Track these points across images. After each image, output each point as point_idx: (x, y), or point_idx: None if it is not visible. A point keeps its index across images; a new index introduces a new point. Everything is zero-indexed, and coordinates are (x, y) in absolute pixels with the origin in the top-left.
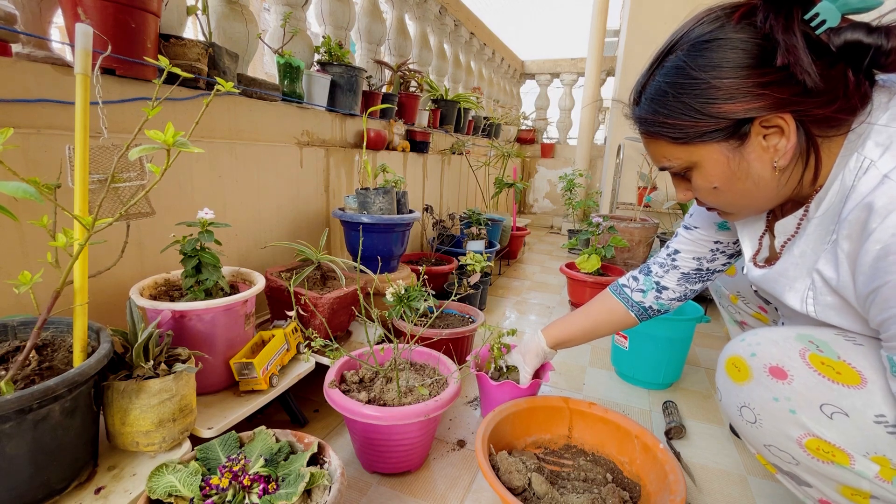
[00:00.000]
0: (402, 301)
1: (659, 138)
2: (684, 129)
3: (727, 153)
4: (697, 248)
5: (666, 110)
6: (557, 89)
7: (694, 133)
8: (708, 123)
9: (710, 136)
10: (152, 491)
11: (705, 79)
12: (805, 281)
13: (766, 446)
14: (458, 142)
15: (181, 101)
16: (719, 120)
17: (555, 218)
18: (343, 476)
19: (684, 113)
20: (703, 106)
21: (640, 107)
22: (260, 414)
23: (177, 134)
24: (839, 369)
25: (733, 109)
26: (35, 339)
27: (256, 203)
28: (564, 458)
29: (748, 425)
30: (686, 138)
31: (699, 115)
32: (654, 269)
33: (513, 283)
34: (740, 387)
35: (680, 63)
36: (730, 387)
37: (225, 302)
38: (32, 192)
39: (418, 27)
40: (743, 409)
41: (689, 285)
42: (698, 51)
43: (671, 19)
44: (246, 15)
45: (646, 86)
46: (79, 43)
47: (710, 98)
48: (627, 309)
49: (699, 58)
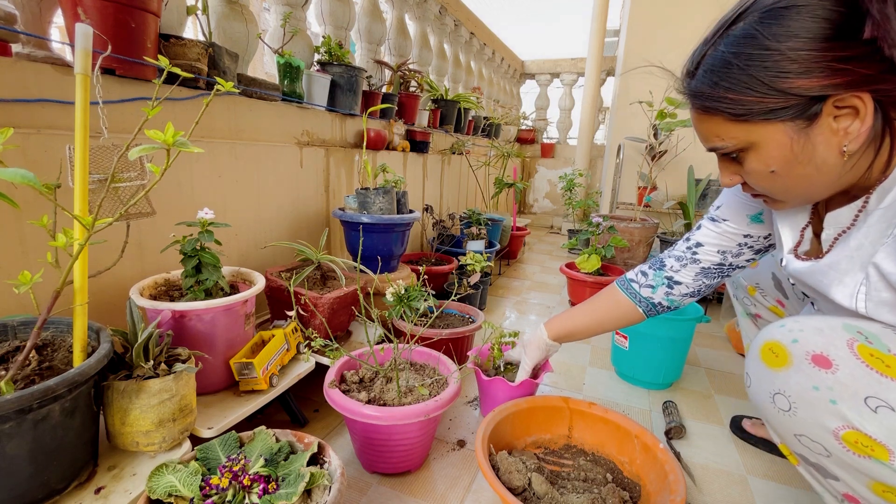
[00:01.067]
0: (402, 301)
1: (716, 114)
2: (748, 104)
3: (792, 134)
4: (724, 241)
5: (728, 83)
6: (557, 89)
7: (759, 110)
8: (776, 100)
9: (776, 114)
10: (152, 491)
11: (780, 49)
12: (858, 276)
13: (797, 436)
14: (458, 142)
15: (181, 101)
16: (790, 97)
17: (555, 218)
18: (343, 476)
19: (750, 87)
20: (774, 80)
21: (696, 79)
22: (260, 414)
23: (177, 134)
24: (889, 363)
25: (808, 85)
26: (35, 339)
27: (256, 203)
28: (564, 458)
29: (780, 413)
30: (748, 115)
31: (768, 90)
32: (668, 262)
33: (513, 283)
34: (776, 373)
35: (751, 31)
36: (764, 372)
37: (225, 302)
38: (31, 178)
39: (418, 27)
40: (776, 396)
41: (706, 280)
42: (774, 17)
43: (671, 19)
44: (246, 15)
45: (705, 55)
46: (79, 43)
47: (781, 71)
48: (635, 304)
49: (774, 25)
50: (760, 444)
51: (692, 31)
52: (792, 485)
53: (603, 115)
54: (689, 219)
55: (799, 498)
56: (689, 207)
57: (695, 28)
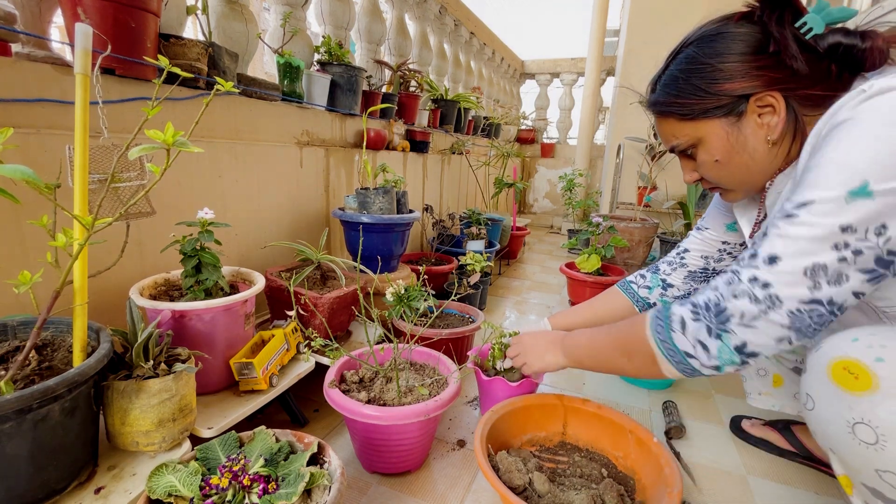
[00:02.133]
0: (402, 301)
1: (669, 117)
2: (691, 106)
3: (727, 128)
4: (706, 247)
5: (676, 91)
6: (557, 89)
7: (699, 109)
8: (711, 100)
9: (713, 112)
10: (152, 491)
11: (712, 63)
12: None
13: (880, 472)
14: (458, 142)
15: (181, 101)
16: (721, 97)
17: (555, 218)
18: (343, 476)
19: (692, 93)
20: (709, 85)
21: (654, 94)
22: (260, 414)
23: (177, 134)
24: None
25: (733, 87)
26: (35, 338)
27: (256, 203)
28: (559, 455)
29: (861, 445)
30: (692, 115)
31: (704, 94)
32: (662, 267)
33: (513, 283)
34: (857, 398)
35: (692, 53)
36: (838, 396)
37: (225, 302)
38: (30, 174)
39: (418, 27)
40: (857, 427)
41: (693, 283)
42: (707, 42)
43: (671, 19)
44: (246, 15)
45: (661, 76)
46: (79, 43)
47: (714, 79)
48: (633, 304)
49: (707, 47)
50: (760, 444)
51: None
52: (792, 485)
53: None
54: (688, 219)
55: (799, 498)
56: (689, 207)
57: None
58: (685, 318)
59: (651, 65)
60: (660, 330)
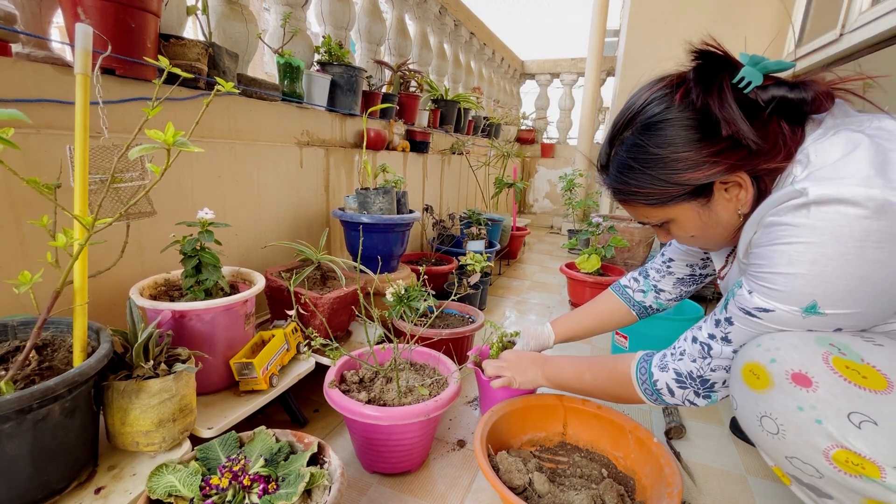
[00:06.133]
0: (402, 301)
1: (636, 203)
2: (656, 195)
3: (698, 209)
4: (689, 258)
5: (636, 181)
6: (557, 89)
7: (666, 198)
8: (676, 189)
9: (680, 198)
10: (152, 491)
11: (664, 154)
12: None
13: (789, 458)
14: (458, 142)
15: (181, 101)
16: (685, 186)
17: (555, 218)
18: (343, 476)
19: (653, 184)
20: (670, 176)
21: (609, 176)
22: (260, 414)
23: (177, 134)
24: (864, 373)
25: (696, 177)
26: (35, 339)
27: (256, 203)
28: (559, 455)
29: (769, 436)
30: (659, 202)
31: (667, 184)
32: (651, 273)
33: (513, 283)
34: (760, 395)
35: (637, 141)
36: (748, 395)
37: (225, 302)
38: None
39: (418, 27)
40: (763, 420)
41: (683, 287)
42: (651, 130)
43: (671, 19)
44: (246, 15)
45: (611, 157)
46: (79, 43)
47: (674, 170)
48: (629, 308)
49: (654, 136)
50: None
51: (692, 30)
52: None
53: (603, 115)
54: None
55: (799, 497)
56: None
57: (694, 28)
58: (671, 386)
59: (651, 65)
60: (649, 393)
